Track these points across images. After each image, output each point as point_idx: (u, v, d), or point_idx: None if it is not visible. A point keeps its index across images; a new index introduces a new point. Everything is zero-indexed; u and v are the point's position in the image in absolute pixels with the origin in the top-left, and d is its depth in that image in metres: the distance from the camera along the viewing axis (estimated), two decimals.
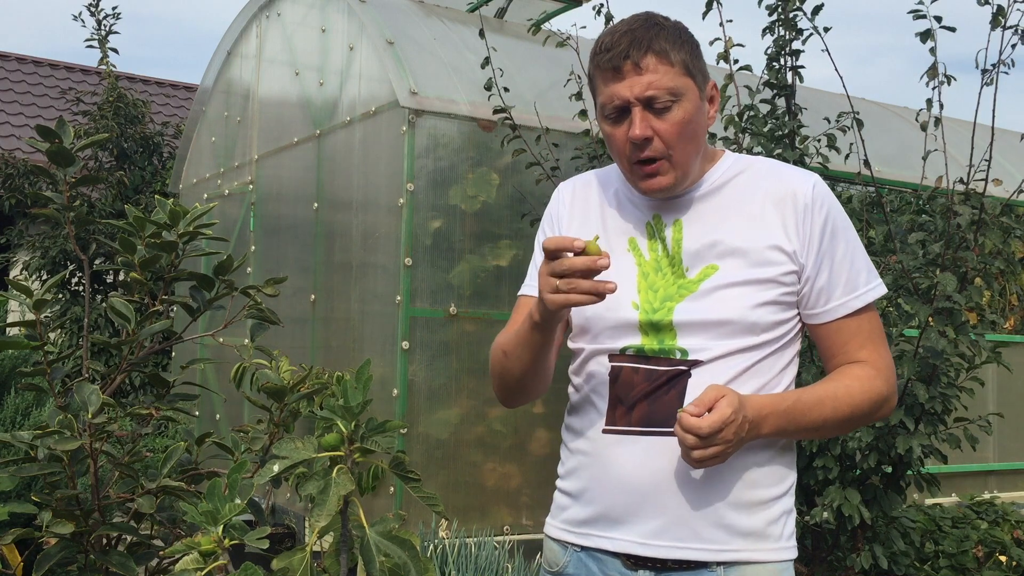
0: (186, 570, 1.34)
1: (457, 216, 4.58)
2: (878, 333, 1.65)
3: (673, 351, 1.57)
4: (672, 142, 1.56)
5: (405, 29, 4.95)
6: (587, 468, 1.63)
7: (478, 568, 3.88)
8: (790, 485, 1.63)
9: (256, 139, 6.19)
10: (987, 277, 3.45)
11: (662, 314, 1.58)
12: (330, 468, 1.39)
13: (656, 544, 1.56)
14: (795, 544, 1.62)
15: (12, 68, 11.61)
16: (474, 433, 4.52)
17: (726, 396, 1.46)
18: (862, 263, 1.63)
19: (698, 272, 1.59)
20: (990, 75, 3.41)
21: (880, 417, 1.67)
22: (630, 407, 1.58)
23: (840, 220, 1.62)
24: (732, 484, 1.55)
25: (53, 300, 8.13)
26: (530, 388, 1.71)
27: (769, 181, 1.63)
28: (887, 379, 1.63)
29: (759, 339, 1.57)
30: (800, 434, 1.60)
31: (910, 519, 3.73)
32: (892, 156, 5.69)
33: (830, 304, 1.60)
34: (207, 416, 6.37)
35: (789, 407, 1.55)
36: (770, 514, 1.58)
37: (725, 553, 1.55)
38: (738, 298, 1.56)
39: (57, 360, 1.94)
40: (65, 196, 2.03)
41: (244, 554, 1.52)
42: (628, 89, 1.54)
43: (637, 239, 1.65)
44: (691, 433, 1.44)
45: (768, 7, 3.71)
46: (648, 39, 1.54)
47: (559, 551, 1.69)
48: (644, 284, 1.61)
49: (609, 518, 1.60)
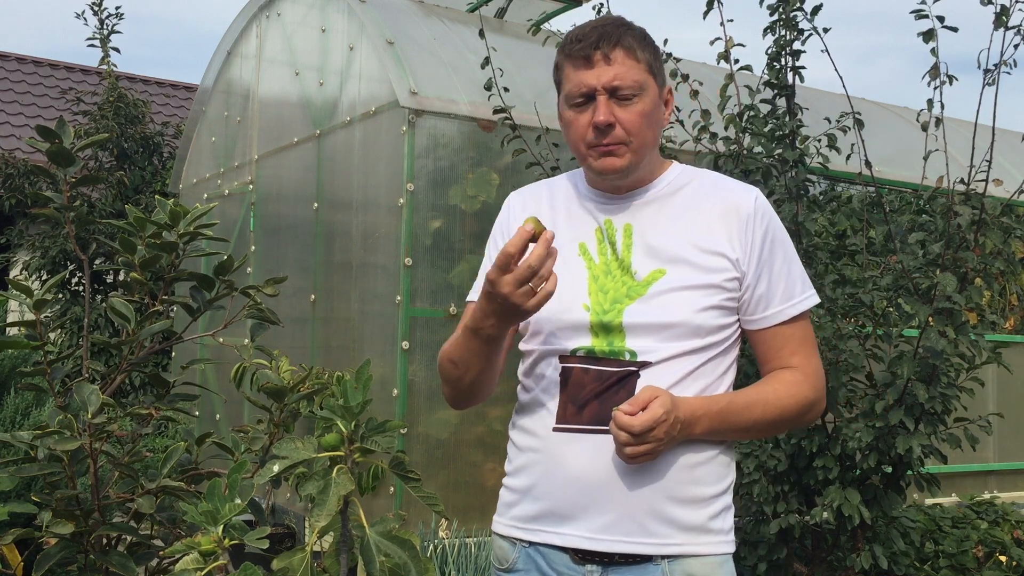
0: (186, 570, 1.34)
1: (457, 216, 4.58)
2: (810, 341, 1.74)
3: (623, 352, 1.64)
4: (633, 131, 1.64)
5: (405, 29, 4.95)
6: (537, 465, 1.68)
7: (478, 568, 3.88)
8: (730, 483, 1.70)
9: (256, 139, 6.19)
10: (987, 277, 3.45)
11: (612, 316, 1.65)
12: (330, 468, 1.39)
13: (604, 539, 1.61)
14: (734, 539, 1.69)
15: (12, 68, 11.61)
16: (474, 433, 4.52)
17: (659, 397, 1.54)
18: (798, 274, 1.73)
19: (646, 276, 1.66)
20: (992, 75, 3.40)
21: (808, 421, 1.75)
22: (580, 406, 1.64)
23: (779, 232, 1.72)
24: (677, 481, 1.61)
25: (53, 300, 8.13)
26: (480, 392, 1.78)
27: (716, 192, 1.72)
28: (814, 385, 1.72)
29: (704, 342, 1.64)
30: (731, 435, 1.68)
31: (910, 519, 3.73)
32: (892, 156, 5.68)
33: (768, 311, 1.69)
34: (207, 416, 6.37)
35: (721, 409, 1.63)
36: (712, 509, 1.64)
37: (669, 547, 1.61)
38: (685, 302, 1.63)
39: (57, 360, 1.94)
40: (65, 196, 2.03)
41: (244, 554, 1.52)
42: (596, 78, 1.63)
43: (588, 244, 1.71)
44: (624, 430, 1.52)
45: (769, 7, 3.71)
46: (618, 35, 1.65)
47: (508, 548, 1.73)
48: (595, 287, 1.67)
49: (558, 514, 1.65)
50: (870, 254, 3.73)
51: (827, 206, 3.85)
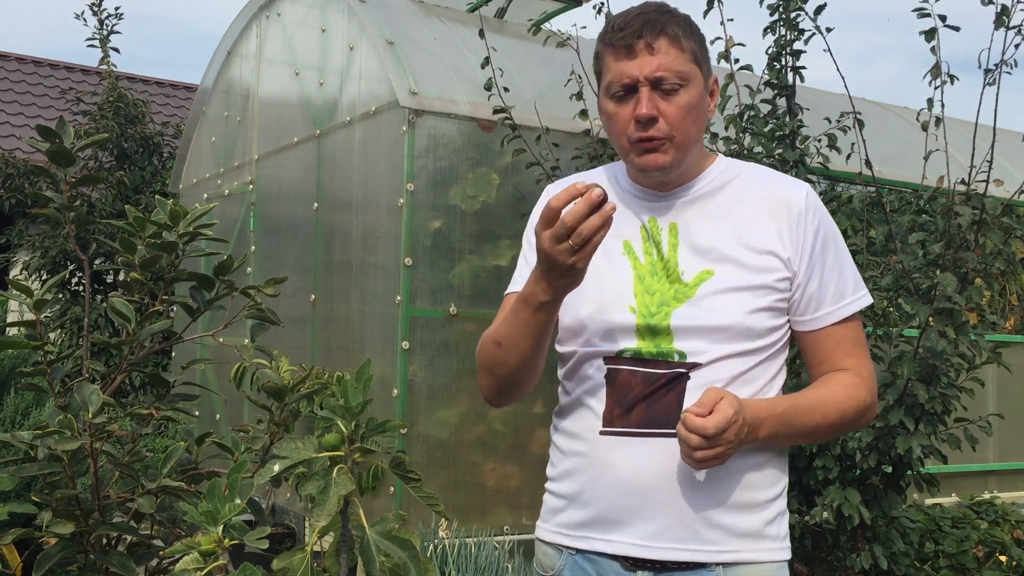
0: (186, 570, 1.34)
1: (457, 216, 4.58)
2: (862, 342, 1.68)
3: (671, 354, 1.58)
4: (677, 124, 1.57)
5: (405, 29, 4.95)
6: (583, 470, 1.62)
7: (478, 568, 3.88)
8: (784, 487, 1.65)
9: (256, 139, 6.19)
10: (987, 277, 3.45)
11: (659, 319, 1.59)
12: (330, 468, 1.38)
13: (655, 546, 1.56)
14: (789, 545, 1.64)
15: (12, 68, 11.61)
16: (474, 433, 4.52)
17: (726, 397, 1.48)
18: (850, 273, 1.67)
19: (694, 277, 1.60)
20: (993, 75, 3.40)
21: (863, 424, 1.70)
22: (627, 409, 1.58)
23: (831, 229, 1.65)
24: (730, 486, 1.56)
25: (53, 300, 8.13)
26: (524, 381, 1.67)
27: (763, 188, 1.65)
28: (870, 388, 1.66)
29: (754, 344, 1.59)
30: (792, 439, 1.63)
31: (910, 519, 3.73)
32: (892, 156, 5.68)
33: (820, 311, 1.63)
34: (207, 416, 6.37)
35: (784, 411, 1.57)
36: (767, 515, 1.60)
37: (724, 554, 1.56)
38: (735, 303, 1.57)
39: (57, 360, 1.94)
40: (65, 196, 2.03)
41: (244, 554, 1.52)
42: (639, 68, 1.56)
43: (632, 242, 1.65)
44: (696, 433, 1.45)
45: (769, 7, 3.71)
46: (661, 23, 1.57)
47: (553, 555, 1.67)
48: (640, 287, 1.61)
49: (607, 520, 1.59)
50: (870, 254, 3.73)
51: (827, 206, 3.85)
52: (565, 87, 4.32)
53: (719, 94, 1.68)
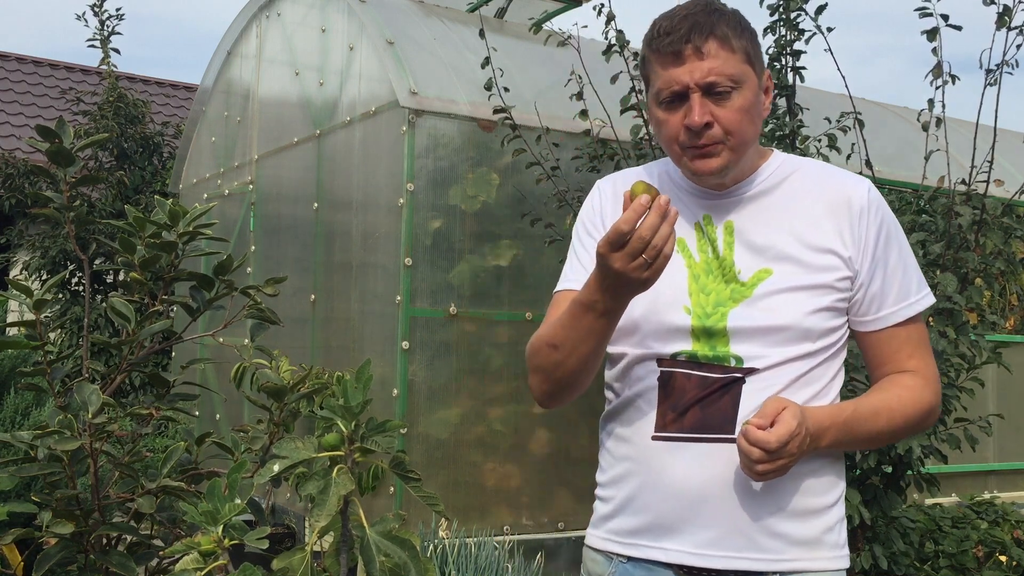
0: (186, 570, 1.34)
1: (457, 216, 4.58)
2: (926, 343, 1.63)
3: (727, 358, 1.53)
4: (732, 128, 1.51)
5: (405, 29, 4.95)
6: (635, 475, 1.57)
7: (478, 568, 3.88)
8: (841, 492, 1.60)
9: (256, 139, 6.19)
10: (987, 277, 3.45)
11: (715, 320, 1.54)
12: (330, 468, 1.38)
13: (711, 554, 1.52)
14: (848, 553, 1.59)
15: (12, 68, 11.61)
16: (474, 433, 4.52)
17: (789, 408, 1.44)
18: (913, 272, 1.61)
19: (751, 276, 1.55)
20: (994, 75, 3.40)
21: (926, 427, 1.65)
22: (681, 413, 1.54)
23: (893, 227, 1.60)
24: (788, 492, 1.52)
25: (53, 300, 8.13)
26: (580, 383, 1.61)
27: (822, 184, 1.59)
28: (935, 390, 1.61)
29: (814, 346, 1.54)
30: (856, 445, 1.58)
31: (910, 519, 3.73)
32: (892, 156, 5.68)
33: (882, 312, 1.58)
34: (207, 416, 6.37)
35: (847, 419, 1.52)
36: (824, 522, 1.55)
37: (782, 563, 1.51)
38: (793, 304, 1.52)
39: (57, 360, 1.94)
40: (65, 196, 2.03)
41: (244, 554, 1.52)
42: (688, 74, 1.50)
43: (687, 240, 1.60)
44: (758, 447, 1.41)
45: (769, 7, 3.71)
46: (710, 24, 1.50)
47: (603, 562, 1.62)
48: (695, 287, 1.56)
49: (661, 527, 1.55)
50: None
51: None
52: (565, 87, 4.32)
53: (772, 90, 1.61)
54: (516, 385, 4.60)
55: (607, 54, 4.09)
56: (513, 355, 4.60)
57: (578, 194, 4.29)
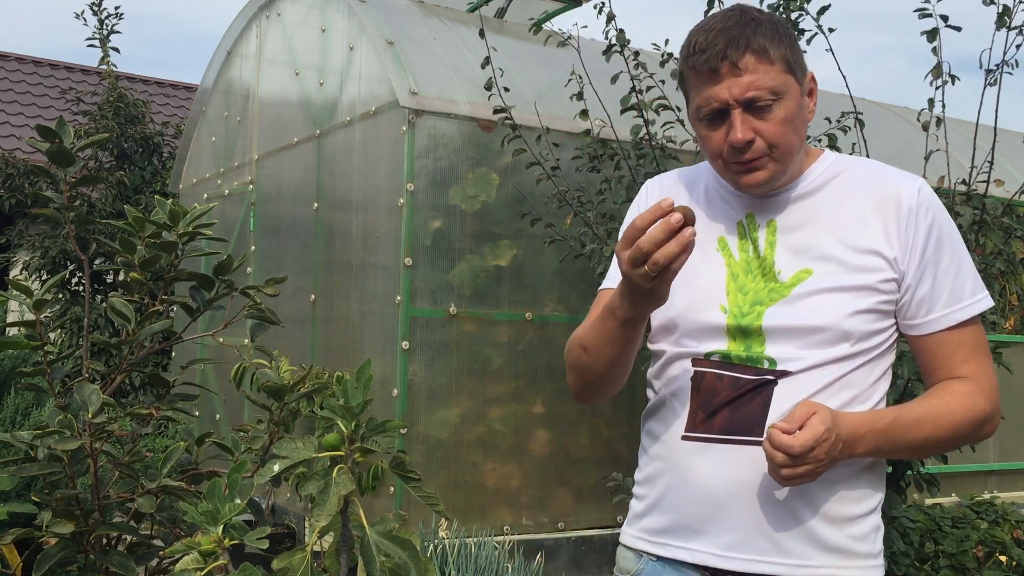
0: (186, 570, 1.34)
1: (457, 216, 4.58)
2: (982, 347, 1.57)
3: (761, 360, 1.51)
4: (776, 141, 1.48)
5: (405, 29, 4.95)
6: (665, 475, 1.57)
7: (478, 568, 3.88)
8: (879, 500, 1.56)
9: (256, 139, 6.19)
10: (988, 277, 3.45)
11: (751, 319, 1.52)
12: (330, 468, 1.38)
13: (736, 557, 1.50)
14: (883, 563, 1.54)
15: (12, 68, 11.61)
16: (474, 433, 4.52)
17: (818, 413, 1.40)
18: (968, 273, 1.55)
19: (791, 276, 1.52)
20: (994, 75, 3.40)
21: (982, 437, 1.59)
22: (711, 414, 1.52)
23: (946, 227, 1.54)
24: (817, 497, 1.48)
25: (53, 300, 8.13)
26: (611, 384, 1.62)
27: (871, 183, 1.56)
28: (990, 396, 1.56)
29: (853, 349, 1.49)
30: (896, 454, 1.54)
31: (910, 519, 3.73)
32: (892, 156, 5.68)
33: (932, 315, 1.53)
34: (207, 416, 6.37)
35: (886, 426, 1.48)
36: (857, 529, 1.51)
37: (809, 569, 1.48)
38: (832, 305, 1.49)
39: (57, 360, 1.94)
40: (65, 196, 2.03)
41: (244, 554, 1.52)
42: (727, 91, 1.47)
43: (727, 238, 1.58)
44: (781, 451, 1.39)
45: (770, 7, 3.71)
46: (746, 37, 1.46)
47: (633, 559, 1.62)
48: (733, 286, 1.54)
49: (687, 528, 1.54)
50: None
51: None
52: (565, 87, 4.32)
53: (817, 92, 1.58)
54: (516, 385, 4.60)
55: (607, 54, 4.09)
56: (513, 355, 4.60)
57: (578, 194, 4.29)
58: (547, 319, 4.69)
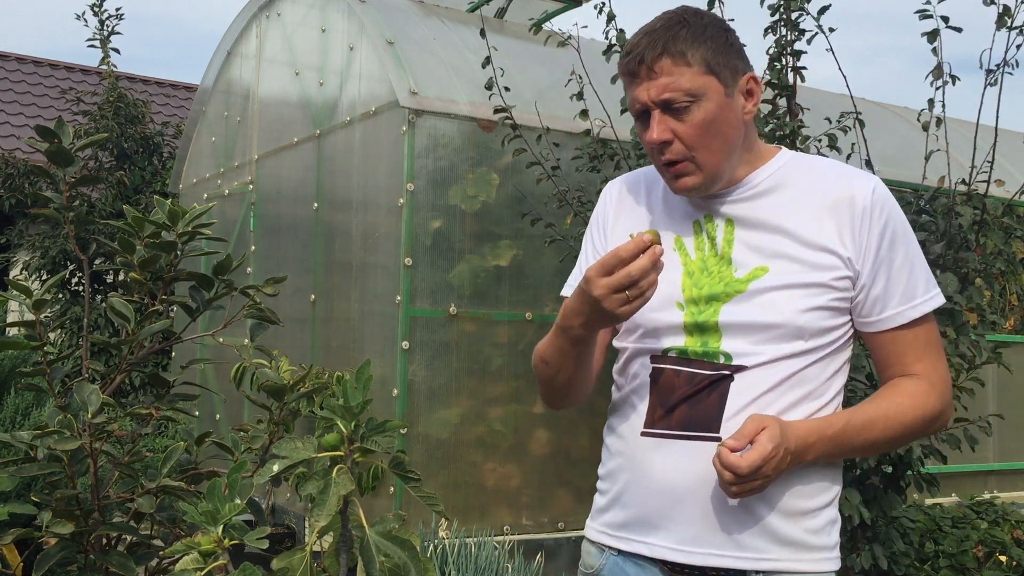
0: (186, 570, 1.34)
1: (457, 216, 4.58)
2: (935, 345, 1.59)
3: (717, 355, 1.54)
4: (693, 143, 1.52)
5: (405, 29, 4.95)
6: (625, 470, 1.60)
7: (478, 568, 3.88)
8: (835, 495, 1.58)
9: (256, 139, 6.19)
10: (988, 278, 3.45)
11: (708, 315, 1.55)
12: (330, 468, 1.38)
13: (693, 551, 1.53)
14: (839, 555, 1.57)
15: (12, 68, 11.61)
16: (474, 433, 4.52)
17: (767, 429, 1.43)
18: (921, 272, 1.58)
19: (747, 273, 1.55)
20: (994, 76, 3.40)
21: (933, 432, 1.62)
22: (669, 410, 1.55)
23: (900, 226, 1.57)
24: (771, 493, 1.51)
25: (53, 300, 8.13)
26: (577, 392, 1.69)
27: (826, 182, 1.58)
28: (941, 394, 1.57)
29: (807, 345, 1.52)
30: (851, 455, 1.57)
31: (910, 519, 3.72)
32: (892, 156, 5.68)
33: (885, 313, 1.55)
34: (207, 416, 6.37)
35: (836, 433, 1.51)
36: (812, 523, 1.54)
37: (765, 562, 1.51)
38: (787, 301, 1.51)
39: (57, 360, 1.94)
40: (65, 196, 2.03)
41: (244, 554, 1.52)
42: (645, 92, 1.52)
43: (684, 239, 1.61)
44: (729, 470, 1.41)
45: (770, 7, 3.71)
46: (664, 40, 1.51)
47: (595, 554, 1.66)
48: (689, 283, 1.57)
49: (646, 522, 1.57)
50: None
51: None
52: (565, 87, 4.32)
53: (760, 91, 1.60)
54: (516, 385, 4.60)
55: (607, 54, 4.09)
56: (513, 355, 4.60)
57: (578, 194, 4.29)
58: (547, 319, 4.69)
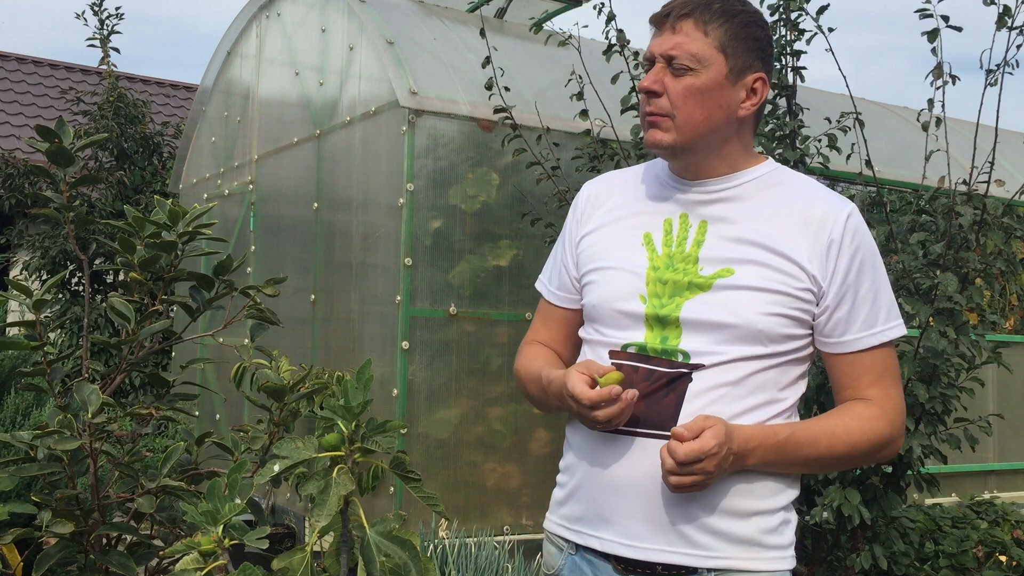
0: (186, 570, 1.34)
1: (457, 216, 4.58)
2: (891, 373, 1.61)
3: (675, 353, 1.55)
4: (678, 103, 1.56)
5: (405, 29, 4.95)
6: (582, 464, 1.63)
7: (478, 568, 3.88)
8: (789, 498, 1.59)
9: (256, 139, 6.19)
10: (988, 277, 3.45)
11: (670, 309, 1.56)
12: (330, 468, 1.38)
13: (643, 547, 1.54)
14: (793, 555, 1.58)
15: (12, 68, 11.61)
16: (474, 433, 4.52)
17: (713, 427, 1.45)
18: (884, 301, 1.60)
19: (713, 273, 1.56)
20: (994, 76, 3.40)
21: (882, 459, 1.64)
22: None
23: (869, 254, 1.59)
24: (720, 492, 1.53)
25: (53, 300, 8.12)
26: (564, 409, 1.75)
27: (803, 200, 1.60)
28: (892, 421, 1.59)
29: (766, 350, 1.54)
30: (792, 468, 1.58)
31: (910, 519, 3.72)
32: (892, 156, 5.68)
33: (846, 337, 1.58)
34: (207, 416, 6.37)
35: (780, 442, 1.52)
36: (764, 523, 1.55)
37: (715, 559, 1.52)
38: (749, 303, 1.53)
39: (57, 360, 1.94)
40: (65, 196, 2.03)
41: (244, 554, 1.52)
42: (659, 45, 1.58)
43: (653, 234, 1.63)
44: (670, 456, 1.45)
45: (770, 7, 3.70)
46: (696, 5, 1.57)
47: (555, 553, 1.69)
48: (653, 276, 1.59)
49: (599, 517, 1.59)
50: None
51: None
52: (565, 87, 4.31)
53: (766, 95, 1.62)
54: (516, 385, 4.58)
55: (607, 54, 4.09)
56: (513, 355, 4.57)
57: None
58: None
